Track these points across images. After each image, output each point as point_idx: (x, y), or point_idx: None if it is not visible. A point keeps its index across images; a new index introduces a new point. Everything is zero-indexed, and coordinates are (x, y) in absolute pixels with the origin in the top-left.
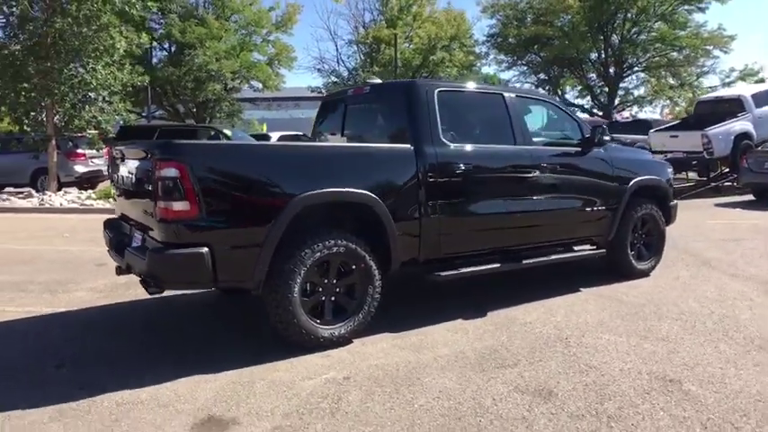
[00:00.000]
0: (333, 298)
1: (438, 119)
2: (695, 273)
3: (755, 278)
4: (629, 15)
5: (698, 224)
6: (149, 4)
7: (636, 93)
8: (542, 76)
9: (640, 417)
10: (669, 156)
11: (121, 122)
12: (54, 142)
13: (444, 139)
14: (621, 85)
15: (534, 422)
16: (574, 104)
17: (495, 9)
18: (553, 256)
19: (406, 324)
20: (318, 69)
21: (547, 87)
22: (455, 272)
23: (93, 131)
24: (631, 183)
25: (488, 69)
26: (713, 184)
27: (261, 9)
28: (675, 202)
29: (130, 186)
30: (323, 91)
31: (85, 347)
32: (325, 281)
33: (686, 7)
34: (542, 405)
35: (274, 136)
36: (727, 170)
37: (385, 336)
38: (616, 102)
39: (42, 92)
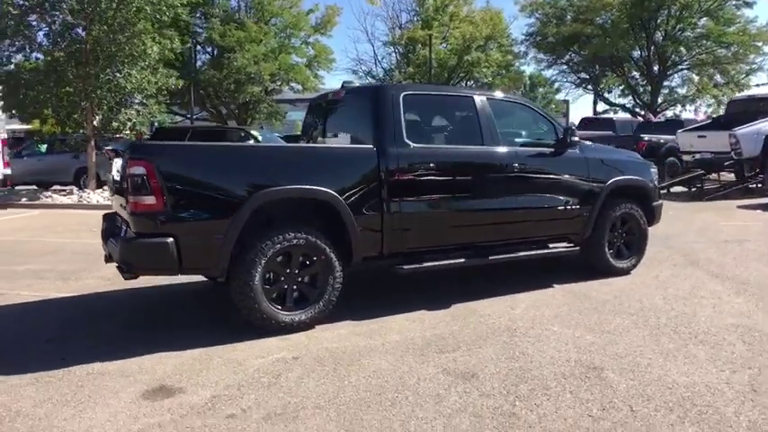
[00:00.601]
0: (295, 287)
1: (402, 121)
2: (678, 272)
3: (736, 278)
4: (672, 12)
5: (708, 225)
6: (179, 11)
7: (680, 91)
8: (584, 74)
9: (546, 397)
10: (697, 156)
11: (156, 124)
12: (93, 143)
13: (408, 140)
14: (665, 83)
15: (445, 398)
16: (615, 104)
17: (533, 7)
18: (522, 253)
19: (370, 314)
20: (354, 71)
21: (588, 86)
22: (417, 265)
23: (129, 132)
24: (609, 183)
25: (527, 68)
26: (741, 185)
27: (300, 12)
28: (660, 202)
29: (116, 184)
30: None
31: (78, 326)
32: (288, 270)
33: (733, 2)
34: (460, 385)
35: None
36: (758, 171)
37: (346, 323)
38: (659, 101)
39: (81, 95)
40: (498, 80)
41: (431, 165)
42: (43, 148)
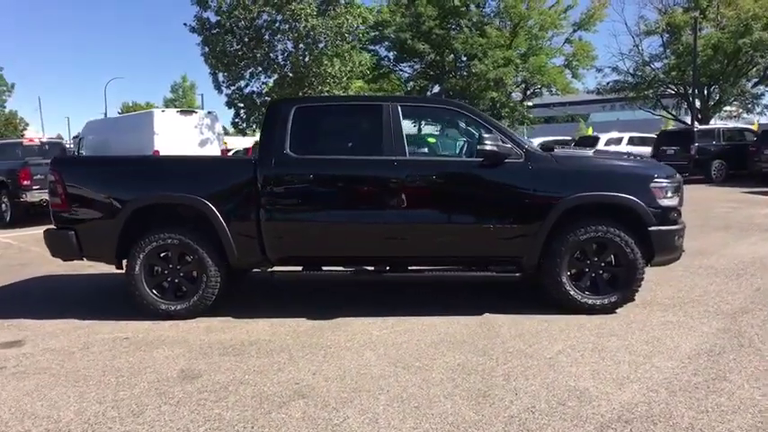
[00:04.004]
0: (176, 280)
1: (287, 133)
2: (671, 320)
3: (740, 340)
4: None
5: None
6: (361, 33)
7: None
8: None
9: (201, 406)
10: None
11: None
12: None
13: (290, 151)
14: None
15: (135, 385)
16: None
17: None
18: (428, 273)
19: (257, 313)
20: (598, 69)
21: None
22: (292, 273)
23: None
24: (565, 199)
25: None
26: None
27: (556, 10)
28: (671, 228)
29: None
30: (601, 91)
31: (58, 294)
32: (170, 266)
33: None
34: (172, 381)
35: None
36: None
37: (219, 319)
38: None
39: None
40: None
41: (311, 176)
42: None
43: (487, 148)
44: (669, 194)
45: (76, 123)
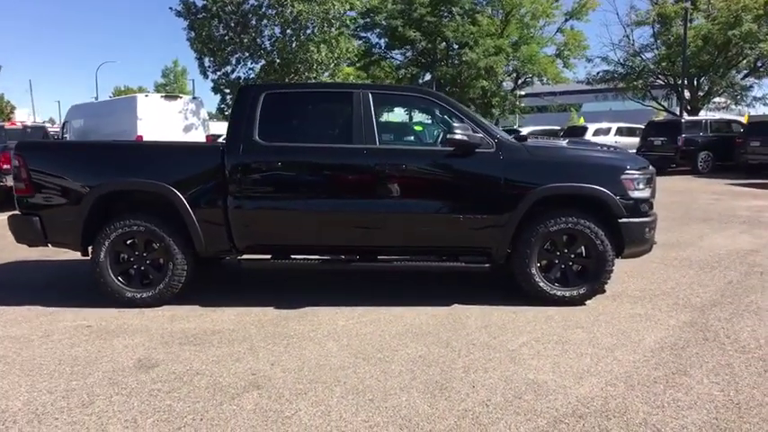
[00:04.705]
0: (142, 268)
1: (256, 120)
2: (641, 313)
3: (706, 333)
4: None
5: None
6: (347, 19)
7: None
8: None
9: (160, 397)
10: None
11: None
12: None
13: (258, 138)
14: None
15: (89, 375)
16: None
17: None
18: (397, 263)
19: (224, 302)
20: (588, 59)
21: None
22: (259, 261)
23: None
24: (536, 190)
25: None
26: None
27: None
28: (642, 219)
29: None
30: (591, 82)
31: (36, 280)
32: (136, 253)
33: None
34: (127, 372)
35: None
36: None
37: (186, 307)
38: None
39: None
40: None
41: (279, 163)
42: None
43: (457, 137)
44: (641, 186)
45: (68, 107)
